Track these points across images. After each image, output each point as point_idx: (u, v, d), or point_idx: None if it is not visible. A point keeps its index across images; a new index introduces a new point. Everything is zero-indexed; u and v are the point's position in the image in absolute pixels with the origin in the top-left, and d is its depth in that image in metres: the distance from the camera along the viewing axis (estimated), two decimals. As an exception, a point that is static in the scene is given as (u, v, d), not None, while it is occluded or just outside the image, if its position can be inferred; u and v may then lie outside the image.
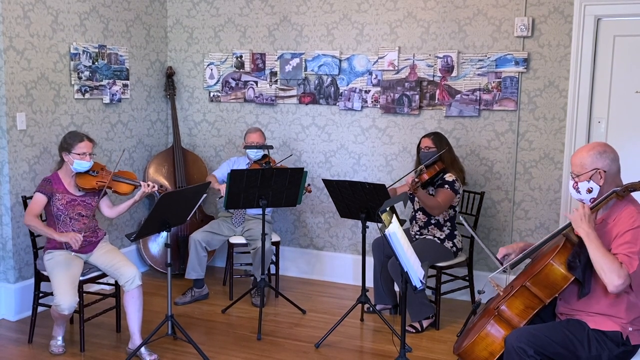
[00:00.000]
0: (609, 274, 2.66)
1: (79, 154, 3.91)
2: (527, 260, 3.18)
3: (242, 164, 5.04)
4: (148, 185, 4.03)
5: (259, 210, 4.88)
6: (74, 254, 3.95)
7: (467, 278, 4.71)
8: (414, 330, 4.35)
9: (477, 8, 4.79)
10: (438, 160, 4.42)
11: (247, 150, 4.95)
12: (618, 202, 2.85)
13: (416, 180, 4.22)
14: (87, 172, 3.99)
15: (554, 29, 4.61)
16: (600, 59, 4.55)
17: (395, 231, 2.93)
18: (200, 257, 4.83)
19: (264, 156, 4.98)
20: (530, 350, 2.72)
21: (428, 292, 4.59)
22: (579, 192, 2.89)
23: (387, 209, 3.06)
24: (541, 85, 4.69)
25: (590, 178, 2.85)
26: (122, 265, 3.92)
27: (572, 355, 2.76)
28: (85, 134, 4.04)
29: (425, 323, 4.39)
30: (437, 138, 4.47)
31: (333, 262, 5.45)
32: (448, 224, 4.46)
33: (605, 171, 2.84)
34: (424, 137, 4.55)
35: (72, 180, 3.98)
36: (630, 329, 2.81)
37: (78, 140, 3.93)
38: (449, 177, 4.39)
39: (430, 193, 4.43)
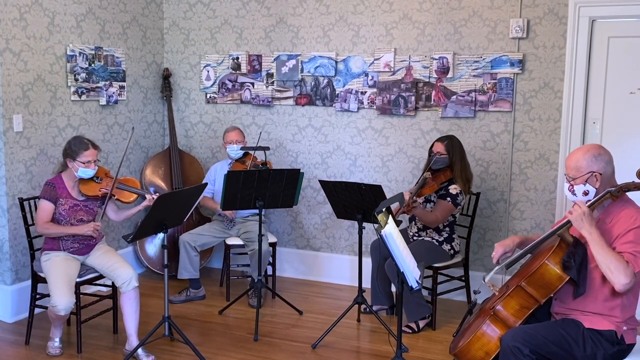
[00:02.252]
0: (616, 273, 2.66)
1: (83, 162, 3.89)
2: (523, 260, 3.19)
3: (225, 168, 5.04)
4: (152, 199, 4.00)
5: (252, 211, 4.89)
6: (71, 255, 3.96)
7: (463, 278, 4.72)
8: (410, 331, 4.36)
9: (472, 9, 4.81)
10: (447, 168, 4.40)
11: (228, 149, 4.97)
12: (614, 202, 2.87)
13: (414, 198, 4.19)
14: (91, 178, 3.97)
15: (548, 31, 4.64)
16: (594, 60, 4.57)
17: (391, 232, 2.94)
18: (190, 256, 4.84)
19: (245, 154, 5.00)
20: (525, 350, 2.73)
21: (424, 292, 4.60)
22: (575, 194, 2.90)
23: (383, 209, 3.08)
24: (536, 86, 4.71)
25: (586, 181, 2.86)
26: (118, 267, 3.93)
27: (568, 355, 2.78)
28: (90, 140, 3.99)
29: (421, 323, 4.40)
30: (451, 144, 4.40)
31: (330, 263, 5.46)
32: (447, 228, 4.46)
33: (600, 174, 2.85)
34: (437, 140, 4.48)
35: (76, 185, 3.97)
36: (624, 328, 2.83)
37: (83, 149, 3.89)
38: (453, 189, 4.34)
39: (432, 200, 4.42)
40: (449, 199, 4.33)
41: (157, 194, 4.09)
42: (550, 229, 3.02)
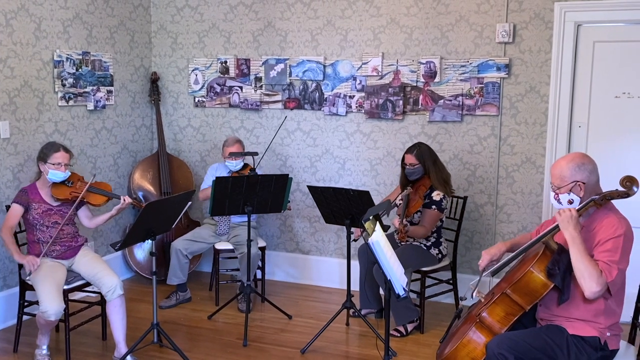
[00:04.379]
0: (589, 280, 2.72)
1: (54, 164, 3.92)
2: (509, 267, 3.23)
3: (223, 171, 5.04)
4: (124, 201, 4.05)
5: (244, 217, 4.89)
6: (55, 260, 3.96)
7: (450, 281, 4.76)
8: (398, 335, 4.39)
9: (459, 14, 4.84)
10: (424, 177, 4.40)
11: (227, 162, 4.96)
12: (598, 210, 2.90)
13: (404, 222, 4.13)
14: (63, 182, 4.00)
15: (534, 35, 4.67)
16: (580, 64, 4.61)
17: (378, 240, 2.95)
18: (181, 264, 4.86)
19: (245, 166, 4.99)
20: (510, 357, 2.76)
21: (412, 295, 4.63)
22: (560, 203, 2.93)
23: (371, 217, 3.09)
24: (522, 90, 4.75)
25: (570, 190, 2.90)
26: (103, 275, 3.92)
27: (552, 361, 2.81)
28: (62, 144, 4.04)
29: (409, 327, 4.43)
30: (420, 152, 4.40)
31: (319, 266, 5.48)
32: (434, 233, 4.49)
33: (584, 183, 2.88)
34: (406, 152, 4.47)
35: (49, 190, 4.00)
36: (608, 334, 2.86)
37: (54, 151, 3.95)
38: (436, 195, 4.36)
39: (418, 210, 4.42)
40: (434, 206, 4.35)
41: (137, 200, 4.11)
42: (536, 237, 3.06)
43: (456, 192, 4.88)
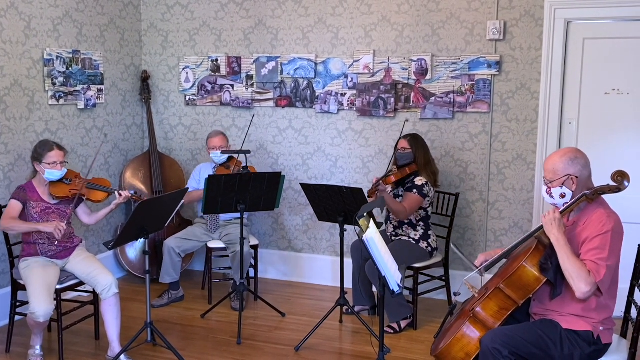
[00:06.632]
0: (577, 281, 2.74)
1: (49, 164, 3.89)
2: (501, 263, 3.25)
3: (209, 170, 5.04)
4: (121, 195, 4.02)
5: (234, 214, 4.89)
6: (50, 260, 3.94)
7: (443, 278, 4.78)
8: (392, 331, 4.40)
9: (450, 12, 4.85)
10: (412, 162, 4.47)
11: (211, 155, 4.97)
12: (589, 204, 2.93)
13: (380, 181, 4.25)
14: (60, 180, 3.97)
15: (525, 32, 4.70)
16: (570, 61, 4.64)
17: (372, 236, 2.96)
18: (174, 262, 4.85)
19: (229, 158, 5.00)
20: (505, 351, 2.78)
21: (405, 292, 4.64)
22: (552, 197, 2.96)
23: (365, 214, 3.10)
24: (513, 87, 4.77)
25: (562, 184, 2.92)
26: (98, 274, 3.91)
27: (546, 355, 2.83)
28: (55, 142, 4.00)
29: (403, 323, 4.44)
30: (414, 139, 4.53)
31: (312, 264, 5.48)
32: (421, 223, 4.52)
33: (577, 177, 2.91)
34: (401, 138, 4.59)
35: (46, 188, 3.96)
36: (601, 328, 2.89)
37: (48, 150, 3.91)
38: (419, 180, 4.43)
39: (400, 194, 4.48)
40: (415, 190, 4.40)
41: (134, 191, 4.11)
42: (528, 233, 3.08)
43: (448, 189, 4.92)
